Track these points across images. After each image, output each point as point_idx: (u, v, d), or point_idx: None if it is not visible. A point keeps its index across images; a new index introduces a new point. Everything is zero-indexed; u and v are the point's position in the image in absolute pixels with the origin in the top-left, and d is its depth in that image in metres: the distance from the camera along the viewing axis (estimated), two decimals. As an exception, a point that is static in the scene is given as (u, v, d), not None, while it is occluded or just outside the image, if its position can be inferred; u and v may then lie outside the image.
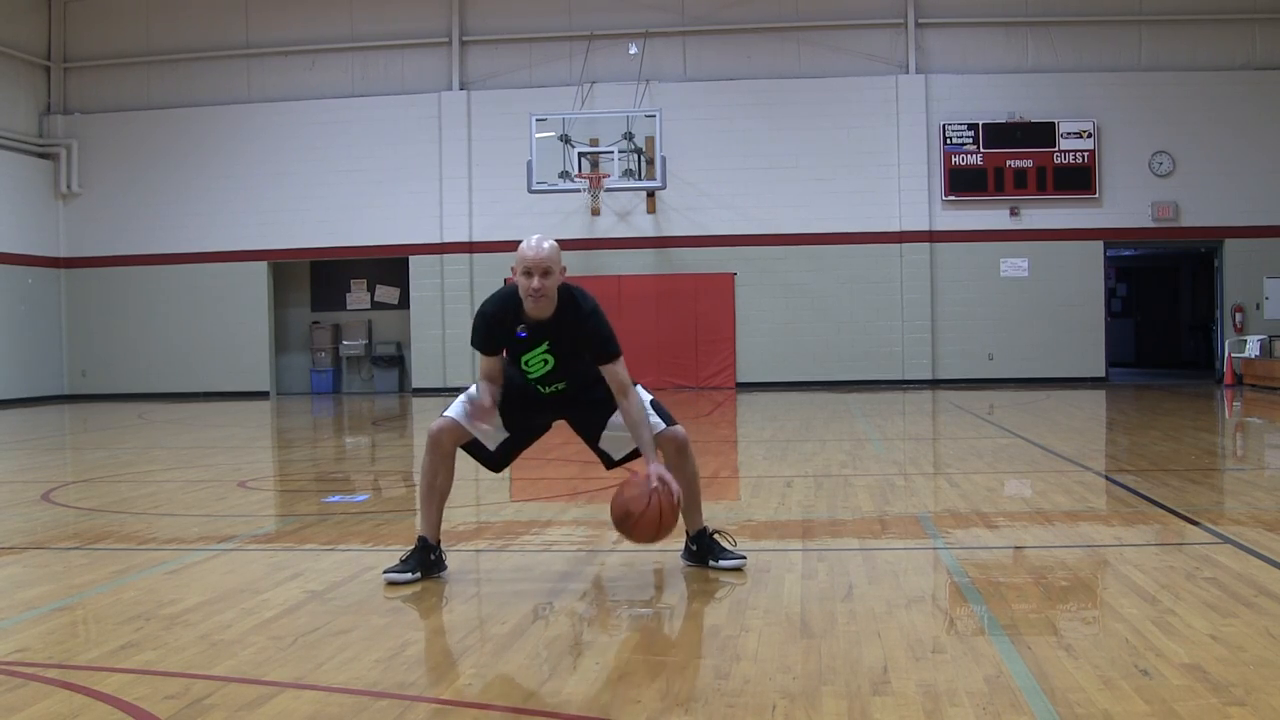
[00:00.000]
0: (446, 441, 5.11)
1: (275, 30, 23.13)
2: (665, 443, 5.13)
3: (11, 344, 22.28)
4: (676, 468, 5.11)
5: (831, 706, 3.37)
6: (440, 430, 5.11)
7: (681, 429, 5.19)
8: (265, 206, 22.87)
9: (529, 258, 4.86)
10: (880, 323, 21.79)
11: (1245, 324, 21.44)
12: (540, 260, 4.86)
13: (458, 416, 5.09)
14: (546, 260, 4.87)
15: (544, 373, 5.09)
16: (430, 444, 5.12)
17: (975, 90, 21.75)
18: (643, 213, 22.10)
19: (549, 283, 4.89)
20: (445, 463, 5.13)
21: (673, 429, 5.14)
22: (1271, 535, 5.94)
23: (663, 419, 5.15)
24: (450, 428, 5.10)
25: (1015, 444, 11.15)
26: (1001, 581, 5.08)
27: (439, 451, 5.11)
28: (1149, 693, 3.42)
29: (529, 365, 5.08)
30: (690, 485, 5.20)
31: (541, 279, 4.87)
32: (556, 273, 4.92)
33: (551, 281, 4.90)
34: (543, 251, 4.87)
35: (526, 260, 4.87)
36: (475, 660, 4.02)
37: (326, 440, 14.23)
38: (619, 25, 22.17)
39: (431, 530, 5.17)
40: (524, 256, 4.88)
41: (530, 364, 5.07)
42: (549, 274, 4.88)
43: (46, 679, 3.75)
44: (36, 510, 7.79)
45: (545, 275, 4.87)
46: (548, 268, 4.87)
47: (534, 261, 4.86)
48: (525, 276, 4.88)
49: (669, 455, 5.14)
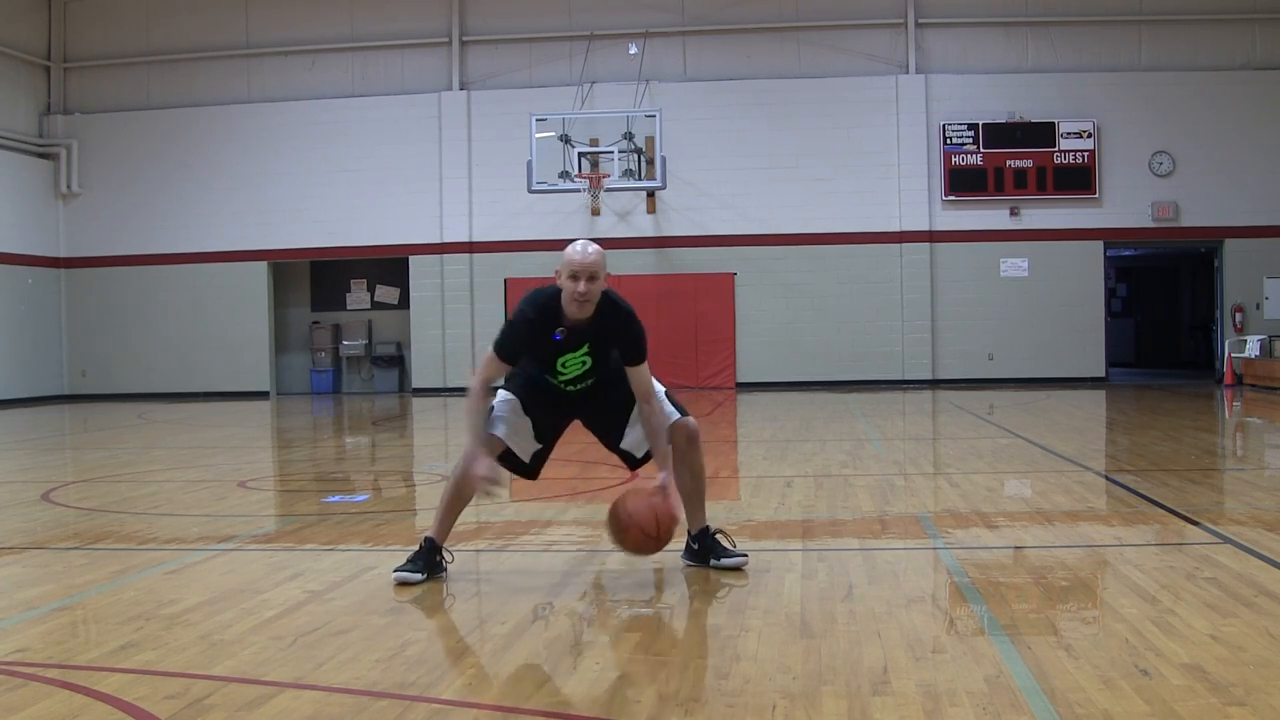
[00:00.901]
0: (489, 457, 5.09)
1: (275, 30, 23.13)
2: (677, 433, 5.16)
3: (11, 344, 22.28)
4: (685, 458, 5.17)
5: (831, 706, 3.37)
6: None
7: (694, 421, 5.23)
8: (265, 206, 22.87)
9: (577, 262, 4.88)
10: (880, 323, 21.79)
11: (1245, 324, 21.43)
12: (588, 265, 4.88)
13: (499, 434, 5.09)
14: (594, 265, 4.89)
15: (579, 373, 5.10)
16: (468, 461, 5.06)
17: (975, 90, 21.75)
18: (643, 213, 22.10)
19: (595, 287, 4.92)
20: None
21: (685, 419, 5.19)
22: (1271, 535, 5.94)
23: (676, 409, 5.20)
24: (494, 445, 5.08)
25: (1015, 444, 11.15)
26: (1001, 581, 5.08)
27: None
28: (1149, 693, 3.42)
29: (566, 367, 5.08)
30: (696, 479, 5.25)
31: (589, 283, 4.89)
32: (602, 278, 4.95)
33: (598, 286, 4.93)
34: (590, 256, 4.90)
35: (574, 265, 4.89)
36: (475, 660, 4.02)
37: (326, 440, 14.23)
38: (619, 25, 22.17)
39: (442, 534, 5.19)
40: (571, 261, 4.89)
41: (568, 365, 5.07)
42: (595, 279, 4.91)
43: (46, 679, 3.75)
44: (36, 510, 7.79)
45: (592, 280, 4.90)
46: (594, 273, 4.90)
47: (582, 266, 4.88)
48: (572, 280, 4.90)
49: (679, 445, 5.17)
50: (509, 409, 5.13)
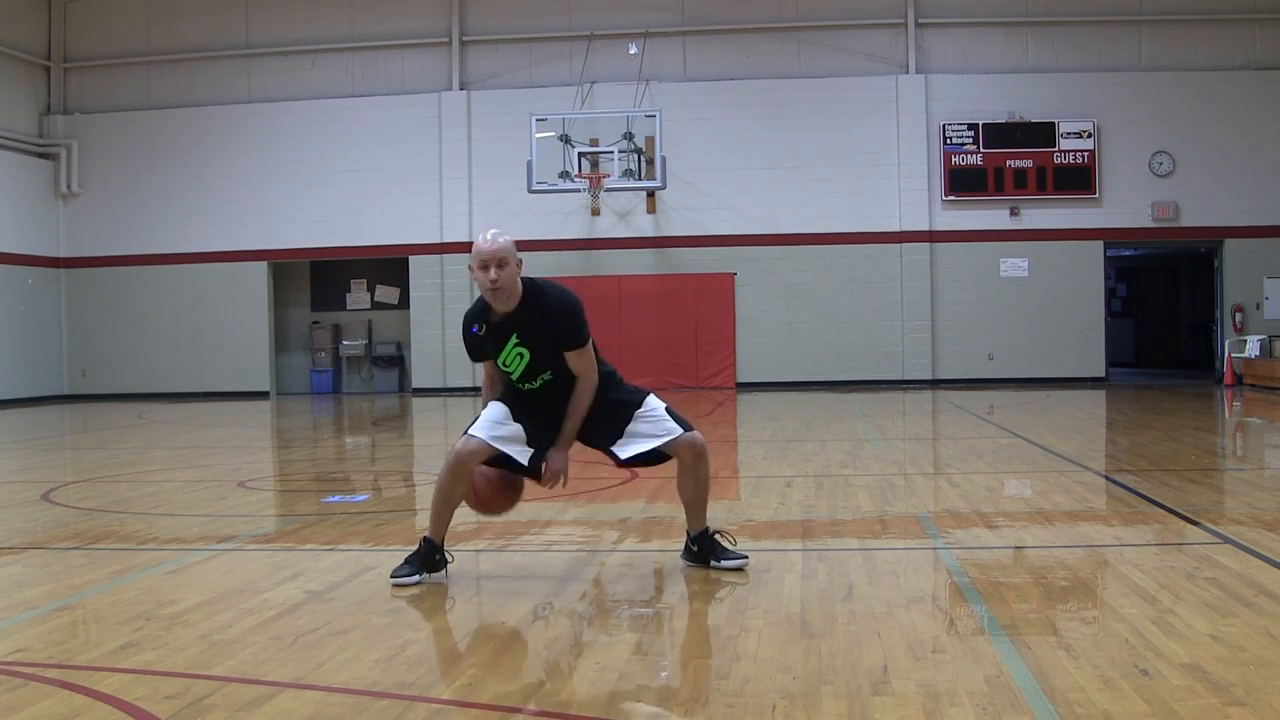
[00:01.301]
0: (471, 463, 5.02)
1: (275, 30, 23.13)
2: (682, 449, 5.09)
3: (11, 344, 22.28)
4: (691, 471, 5.15)
5: (831, 706, 3.37)
6: (469, 454, 4.98)
7: (699, 435, 5.15)
8: (265, 206, 22.86)
9: (486, 251, 4.85)
10: (880, 323, 21.78)
11: (1245, 324, 21.43)
12: (495, 253, 4.84)
13: (486, 437, 5.02)
14: (500, 252, 4.84)
15: (523, 367, 5.02)
16: (455, 463, 5.00)
17: (975, 90, 21.75)
18: (643, 213, 22.10)
19: (505, 274, 4.86)
20: (465, 481, 5.08)
21: (690, 435, 5.10)
22: (1271, 535, 5.94)
23: (680, 425, 5.11)
24: (479, 450, 5.00)
25: (1015, 444, 11.15)
26: (1001, 581, 5.08)
27: (461, 471, 5.02)
28: (1149, 693, 3.41)
29: (507, 364, 5.03)
30: (700, 488, 5.22)
31: (497, 270, 4.84)
32: (513, 264, 4.89)
33: (508, 273, 4.87)
34: (494, 243, 4.85)
35: (481, 254, 4.85)
36: (475, 660, 4.02)
37: (326, 440, 14.23)
38: (619, 25, 22.17)
39: (439, 533, 5.16)
40: (479, 250, 4.87)
41: (508, 362, 5.03)
42: (504, 265, 4.85)
43: (46, 679, 3.75)
44: (36, 510, 7.79)
45: (501, 267, 4.84)
46: (502, 258, 4.84)
47: (489, 254, 4.84)
48: (482, 270, 4.86)
49: (686, 460, 5.13)
50: (496, 413, 5.08)
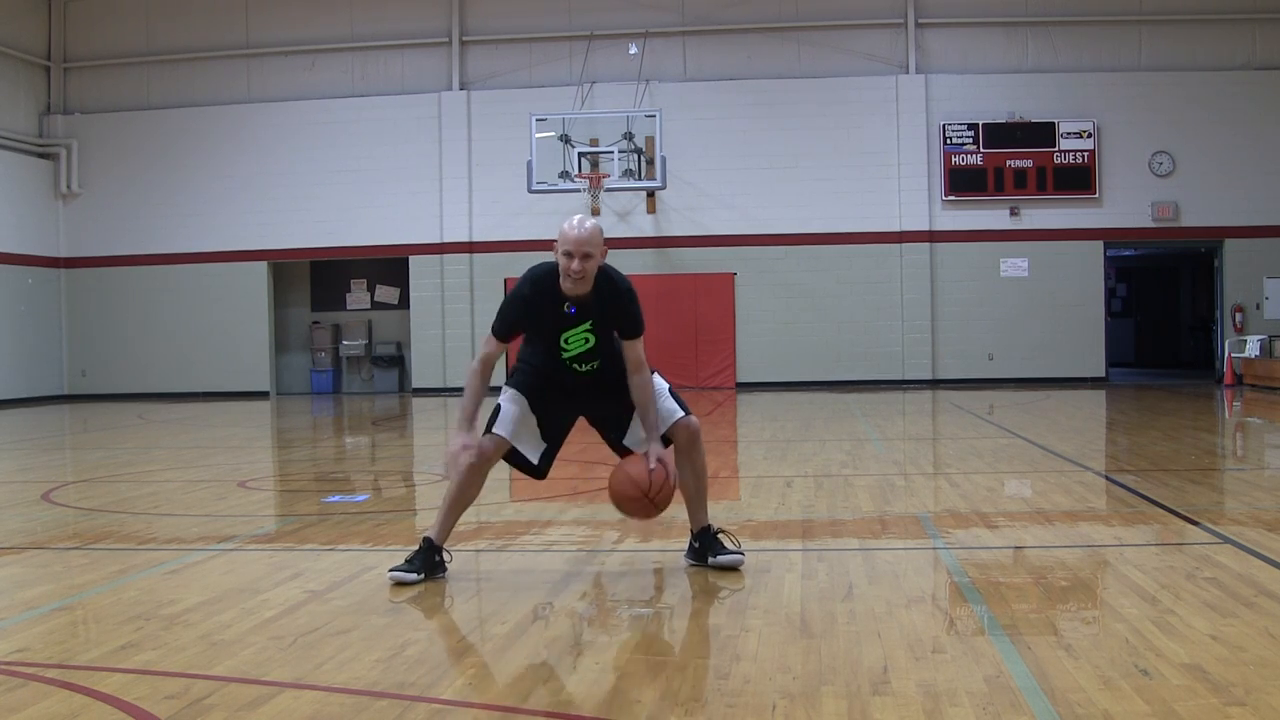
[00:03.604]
0: (494, 456, 5.09)
1: (275, 30, 23.13)
2: (679, 431, 5.16)
3: (11, 344, 22.27)
4: (686, 457, 5.18)
5: (831, 706, 3.37)
6: (491, 451, 5.07)
7: (696, 419, 5.23)
8: (265, 206, 22.87)
9: (571, 239, 4.89)
10: (880, 323, 21.79)
11: (1245, 324, 21.43)
12: (581, 243, 4.89)
13: (508, 435, 5.08)
14: (588, 243, 4.90)
15: (582, 351, 5.08)
16: (476, 463, 5.03)
17: (975, 90, 21.75)
18: (643, 213, 22.10)
19: (590, 265, 4.92)
20: (481, 476, 5.12)
21: (688, 418, 5.18)
22: (1271, 535, 5.94)
23: (680, 407, 5.18)
24: (501, 447, 5.08)
25: (1015, 444, 11.15)
26: (1001, 581, 5.08)
27: (480, 471, 5.08)
28: (1149, 693, 3.41)
29: (569, 343, 5.07)
30: (698, 477, 5.25)
31: (582, 262, 4.90)
32: (598, 255, 4.95)
33: (592, 265, 4.93)
34: (583, 234, 4.89)
35: (568, 242, 4.89)
36: (475, 660, 4.02)
37: (326, 440, 14.23)
38: (619, 25, 22.17)
39: (441, 535, 5.17)
40: (566, 238, 4.90)
41: (570, 341, 5.07)
42: (589, 257, 4.92)
43: (46, 679, 3.75)
44: (36, 510, 7.79)
45: (586, 258, 4.91)
46: (588, 251, 4.90)
47: (575, 244, 4.89)
48: (566, 258, 4.90)
49: (681, 444, 5.18)
50: (516, 407, 5.11)
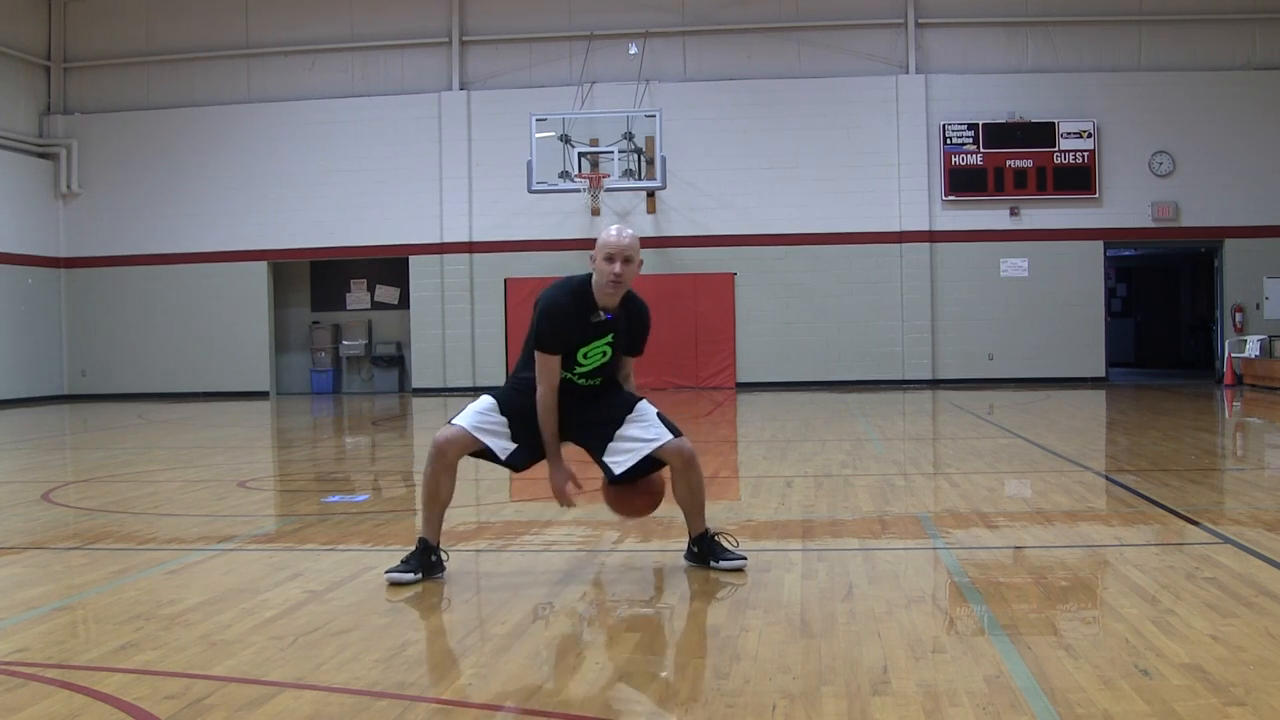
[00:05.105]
0: (452, 453, 5.02)
1: (275, 30, 23.13)
2: (672, 455, 5.09)
3: (11, 344, 22.28)
4: (682, 476, 5.15)
5: (831, 706, 3.37)
6: (447, 441, 5.00)
7: (687, 442, 5.14)
8: (265, 206, 22.87)
9: (613, 244, 4.91)
10: (880, 323, 21.78)
11: (1245, 324, 21.43)
12: (624, 248, 4.91)
13: (468, 426, 5.01)
14: (630, 248, 4.92)
15: (598, 364, 5.08)
16: (435, 453, 5.00)
17: (975, 90, 21.75)
18: (643, 213, 22.09)
19: (629, 270, 4.94)
20: (448, 472, 5.05)
21: (679, 441, 5.10)
22: (1271, 535, 5.94)
23: (669, 430, 5.11)
24: (459, 438, 5.00)
25: (1015, 444, 11.15)
26: (1001, 581, 5.08)
27: (442, 461, 5.01)
28: (1149, 693, 3.41)
29: (587, 357, 5.05)
30: (694, 493, 5.22)
31: (624, 266, 4.91)
32: (637, 261, 4.97)
33: (631, 270, 4.95)
34: (625, 239, 4.93)
35: (609, 246, 4.91)
36: (475, 660, 4.02)
37: (326, 440, 14.23)
38: (619, 25, 22.17)
39: (433, 533, 5.15)
40: (607, 243, 4.92)
41: (589, 355, 5.05)
42: (630, 262, 4.93)
43: (46, 679, 3.75)
44: (36, 510, 7.79)
45: (627, 263, 4.92)
46: (629, 255, 4.92)
47: (617, 248, 4.91)
48: (608, 262, 4.91)
49: (676, 467, 5.13)
50: (483, 406, 5.09)
